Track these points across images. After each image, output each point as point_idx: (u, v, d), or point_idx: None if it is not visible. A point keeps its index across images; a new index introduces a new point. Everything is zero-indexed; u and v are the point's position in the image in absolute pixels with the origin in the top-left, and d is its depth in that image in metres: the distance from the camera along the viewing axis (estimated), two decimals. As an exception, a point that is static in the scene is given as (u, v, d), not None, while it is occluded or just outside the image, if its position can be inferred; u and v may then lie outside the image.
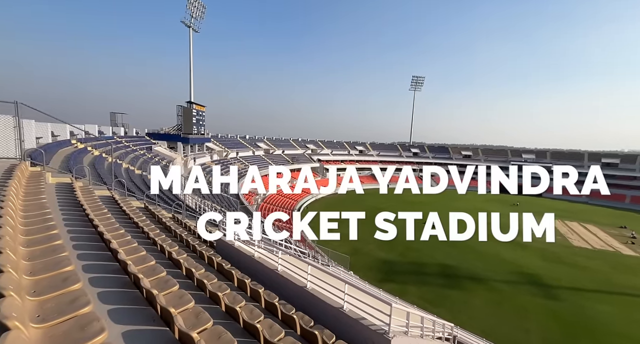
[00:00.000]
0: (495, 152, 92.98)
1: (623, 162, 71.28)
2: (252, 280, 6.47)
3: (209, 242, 9.36)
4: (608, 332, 17.44)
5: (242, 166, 55.02)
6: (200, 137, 49.73)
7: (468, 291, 22.01)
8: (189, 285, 5.34)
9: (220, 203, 29.03)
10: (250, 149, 67.24)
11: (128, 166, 24.23)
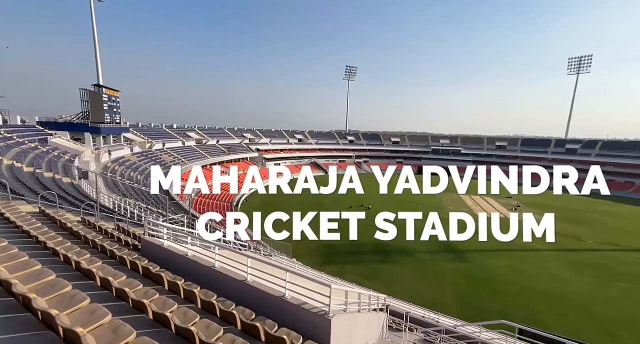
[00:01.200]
0: (419, 138, 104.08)
1: (510, 144, 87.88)
2: (187, 280, 5.99)
3: (132, 245, 8.26)
4: (501, 281, 21.80)
5: (170, 158, 49.70)
6: (114, 127, 42.84)
7: (398, 263, 24.68)
8: (106, 297, 4.64)
9: (147, 200, 25.90)
10: (179, 140, 61.02)
11: (12, 162, 19.47)
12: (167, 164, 45.74)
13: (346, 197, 49.08)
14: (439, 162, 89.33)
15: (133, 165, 38.15)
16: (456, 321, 9.98)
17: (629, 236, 32.82)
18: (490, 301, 19.13)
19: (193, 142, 64.20)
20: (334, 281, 12.94)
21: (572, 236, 32.36)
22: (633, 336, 15.89)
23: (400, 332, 8.55)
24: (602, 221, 39.10)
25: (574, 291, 20.74)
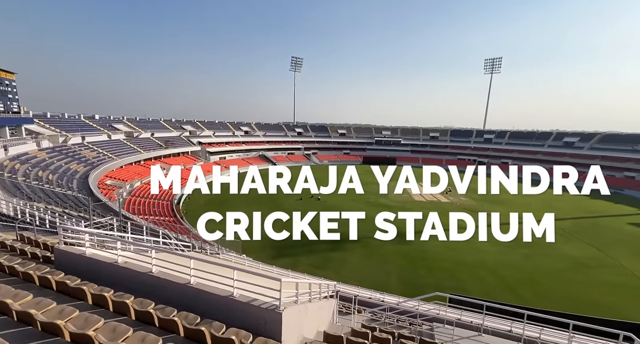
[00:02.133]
0: (364, 130, 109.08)
1: (441, 135, 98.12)
2: (117, 291, 5.31)
3: (41, 257, 6.97)
4: (435, 259, 24.53)
5: (93, 154, 43.13)
6: (11, 117, 35.28)
7: (347, 251, 25.86)
8: (4, 323, 3.83)
9: (63, 204, 22.15)
10: (103, 133, 53.21)
11: None
12: (89, 160, 39.64)
13: (297, 189, 49.20)
14: (382, 152, 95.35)
15: (42, 163, 32.12)
16: (399, 298, 10.96)
17: (522, 209, 39.71)
18: (427, 277, 21.43)
19: (122, 135, 56.72)
20: (285, 274, 12.96)
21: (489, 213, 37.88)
22: (531, 292, 19.55)
23: (349, 315, 9.03)
24: (510, 199, 46.51)
25: (490, 259, 24.47)
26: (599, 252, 26.25)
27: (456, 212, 20.98)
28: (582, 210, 40.94)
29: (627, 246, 28.00)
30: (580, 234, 30.77)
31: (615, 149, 65.06)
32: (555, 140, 77.47)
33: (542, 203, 44.31)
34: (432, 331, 8.03)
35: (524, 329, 8.05)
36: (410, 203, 42.83)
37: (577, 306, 17.64)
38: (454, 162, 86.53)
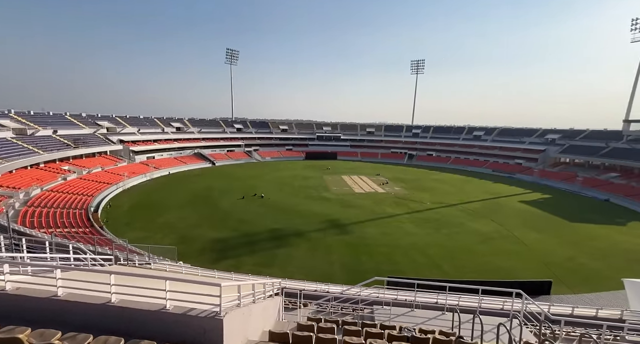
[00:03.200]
0: (305, 125, 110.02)
1: (376, 130, 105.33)
2: (5, 325, 4.32)
3: None
4: (374, 244, 26.43)
5: (-36, 156, 33.90)
6: None
7: (293, 246, 26.00)
8: None
9: None
10: (-21, 129, 42.16)
11: None
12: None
13: (237, 187, 47.24)
14: (323, 147, 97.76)
15: None
16: (342, 287, 11.52)
17: (450, 196, 45.84)
18: (368, 263, 22.98)
19: (9, 133, 45.88)
20: (228, 277, 12.38)
21: (418, 200, 42.44)
22: (452, 265, 22.63)
23: (296, 310, 9.13)
24: (435, 187, 52.89)
25: (419, 241, 27.47)
26: (500, 226, 31.82)
27: (391, 201, 22.76)
28: (486, 193, 48.86)
29: (518, 219, 34.56)
30: (486, 213, 36.78)
31: (508, 141, 79.22)
32: (467, 133, 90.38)
33: (456, 189, 51.46)
34: (372, 314, 8.68)
35: (447, 299, 9.29)
36: (350, 196, 45.06)
37: (486, 272, 21.11)
38: (388, 155, 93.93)
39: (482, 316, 9.38)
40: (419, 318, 8.46)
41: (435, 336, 6.39)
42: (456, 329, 7.48)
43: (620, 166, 54.19)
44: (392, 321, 8.06)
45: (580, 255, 25.07)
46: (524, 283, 18.33)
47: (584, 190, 50.73)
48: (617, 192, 46.16)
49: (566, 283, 20.22)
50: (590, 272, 22.10)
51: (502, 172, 68.82)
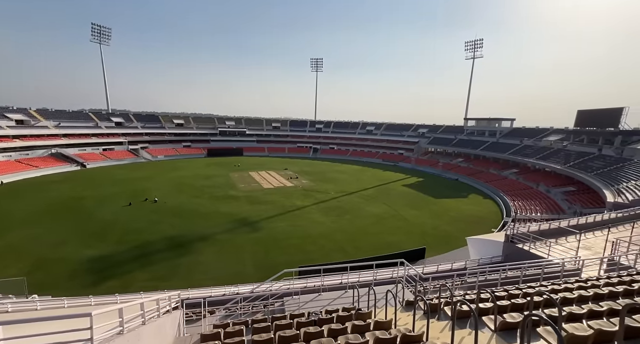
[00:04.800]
0: (205, 120, 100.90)
1: (282, 125, 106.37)
2: None
3: None
4: (285, 238, 26.92)
5: None
6: None
7: (197, 252, 23.76)
8: None
9: None
10: None
11: None
12: None
13: (121, 193, 39.51)
14: (228, 143, 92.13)
15: None
16: (253, 285, 11.31)
17: (350, 184, 50.97)
18: (280, 257, 23.25)
19: None
20: (109, 301, 10.27)
21: (323, 191, 45.48)
22: (353, 247, 25.38)
23: (200, 320, 8.42)
24: (337, 177, 57.73)
25: (326, 229, 29.62)
26: (389, 208, 37.56)
27: (300, 194, 23.45)
28: (378, 180, 56.70)
29: (402, 200, 41.60)
30: (379, 197, 42.72)
31: (393, 135, 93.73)
32: (362, 129, 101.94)
33: (355, 178, 57.77)
34: (283, 306, 8.87)
35: (348, 278, 10.37)
36: (259, 192, 44.30)
37: (380, 248, 24.60)
38: (294, 149, 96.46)
39: (376, 287, 10.89)
40: (325, 301, 9.17)
41: (339, 314, 7.06)
42: (356, 304, 8.48)
43: (463, 153, 72.00)
44: (301, 309, 8.46)
45: (442, 223, 32.27)
46: (407, 252, 22.30)
47: (443, 173, 65.12)
48: (462, 173, 61.26)
49: (434, 247, 25.69)
50: (449, 235, 28.74)
51: (390, 161, 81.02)
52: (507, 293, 7.98)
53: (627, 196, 27.90)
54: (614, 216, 18.49)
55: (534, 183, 46.43)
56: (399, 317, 7.15)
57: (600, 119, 48.42)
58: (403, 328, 5.70)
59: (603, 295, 6.55)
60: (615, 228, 16.62)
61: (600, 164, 41.75)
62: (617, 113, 45.61)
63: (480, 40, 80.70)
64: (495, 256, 15.46)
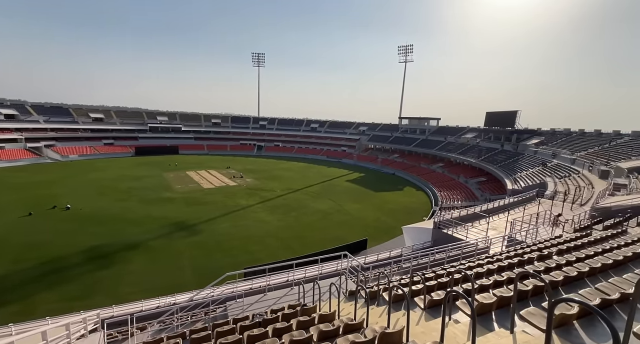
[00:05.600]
0: (131, 114, 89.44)
1: (223, 121, 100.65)
2: None
3: None
4: (229, 239, 25.68)
5: None
6: None
7: (125, 262, 21.05)
8: None
9: None
10: None
11: None
12: None
13: (17, 201, 32.59)
14: (160, 140, 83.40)
15: None
16: (192, 293, 10.49)
17: (296, 182, 51.10)
18: (223, 259, 22.08)
19: None
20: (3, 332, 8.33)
21: (269, 189, 44.68)
22: (300, 244, 25.59)
23: (127, 340, 7.46)
24: (283, 175, 57.28)
25: (272, 227, 29.21)
26: (334, 203, 38.84)
27: (244, 193, 22.56)
28: (323, 176, 58.11)
29: (346, 195, 43.43)
30: (324, 193, 43.83)
31: (336, 132, 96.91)
32: (306, 126, 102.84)
33: (300, 175, 58.19)
34: (226, 312, 8.44)
35: (294, 275, 10.40)
36: (199, 192, 41.28)
37: (326, 243, 25.28)
38: (237, 147, 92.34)
39: (322, 280, 11.15)
40: (271, 300, 9.04)
41: (284, 312, 7.03)
42: (302, 299, 8.57)
43: (399, 149, 78.51)
44: (245, 312, 8.17)
45: (382, 215, 34.75)
46: (350, 245, 23.41)
47: (382, 168, 70.01)
48: (398, 168, 66.81)
49: (376, 237, 27.52)
50: (388, 226, 31.10)
51: (334, 158, 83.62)
52: (435, 273, 8.99)
53: (521, 183, 34.03)
54: (512, 201, 22.36)
55: (455, 175, 53.22)
56: (342, 307, 7.46)
57: (502, 119, 57.86)
58: (346, 318, 5.95)
59: (504, 267, 7.87)
60: (513, 210, 20.14)
61: (502, 157, 50.00)
62: (513, 115, 55.11)
63: (411, 45, 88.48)
64: (426, 241, 17.30)
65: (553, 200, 22.41)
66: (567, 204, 20.47)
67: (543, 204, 20.80)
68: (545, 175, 34.10)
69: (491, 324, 4.80)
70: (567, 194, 23.04)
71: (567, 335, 3.88)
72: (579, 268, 6.18)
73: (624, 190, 20.37)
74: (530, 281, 5.83)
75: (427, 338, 4.37)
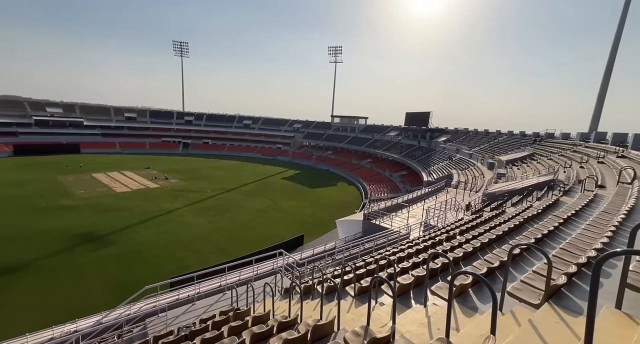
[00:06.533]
0: (6, 104, 70.91)
1: (139, 116, 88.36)
2: None
3: None
4: (149, 248, 22.81)
5: None
6: None
7: (3, 289, 16.71)
8: None
9: None
10: None
11: None
12: None
13: None
14: (52, 137, 68.52)
15: None
16: (101, 315, 8.90)
17: (229, 181, 48.41)
18: (143, 271, 19.51)
19: None
20: None
21: (198, 190, 41.28)
22: (235, 246, 24.42)
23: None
24: (214, 174, 53.63)
25: (202, 230, 27.12)
26: (270, 201, 38.23)
27: (168, 195, 20.31)
28: (258, 174, 56.60)
29: (281, 192, 43.19)
30: (259, 192, 42.73)
31: (271, 129, 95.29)
32: (239, 122, 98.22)
33: (233, 174, 55.52)
34: (145, 330, 7.45)
35: (227, 279, 9.85)
36: (111, 197, 35.48)
37: (262, 242, 24.70)
38: (159, 145, 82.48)
39: (257, 281, 10.85)
40: (201, 309, 8.37)
41: (215, 320, 6.60)
42: (235, 304, 8.18)
43: (332, 146, 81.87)
44: (169, 327, 7.38)
45: (317, 210, 35.76)
46: (287, 242, 23.44)
47: (317, 164, 71.93)
48: (332, 164, 69.66)
49: (312, 232, 28.16)
50: (323, 220, 32.17)
51: (269, 155, 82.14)
52: (364, 262, 9.68)
53: (434, 175, 39.35)
54: (427, 191, 25.66)
55: (382, 170, 58.28)
56: (277, 306, 7.40)
57: (418, 119, 65.74)
58: (280, 316, 5.92)
59: (421, 250, 8.97)
60: (428, 199, 23.15)
61: (419, 153, 56.90)
62: (427, 115, 63.21)
63: (340, 47, 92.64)
64: (357, 232, 18.50)
65: (457, 189, 26.57)
66: (467, 191, 24.55)
67: (450, 193, 24.48)
68: (451, 168, 40.14)
69: (409, 302, 5.41)
70: (466, 183, 27.61)
71: (465, 301, 4.64)
72: (474, 245, 7.46)
73: (503, 178, 25.47)
74: (440, 259, 6.77)
75: (356, 323, 4.66)
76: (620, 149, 22.40)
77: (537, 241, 6.41)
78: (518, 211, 11.28)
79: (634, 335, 2.21)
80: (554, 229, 7.18)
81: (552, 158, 27.56)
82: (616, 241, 5.48)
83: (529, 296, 3.66)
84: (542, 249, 3.50)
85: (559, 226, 7.49)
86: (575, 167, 20.04)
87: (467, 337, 3.30)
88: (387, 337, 3.44)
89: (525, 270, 5.31)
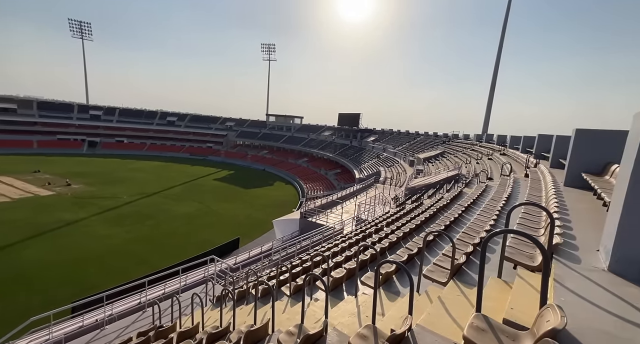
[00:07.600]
0: None
1: (21, 107, 70.98)
2: None
3: None
4: (41, 269, 18.62)
5: None
6: None
7: None
8: None
9: None
10: None
11: None
12: None
13: None
14: None
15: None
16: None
17: (151, 184, 42.94)
18: (34, 297, 15.82)
19: None
20: None
21: (110, 196, 35.52)
22: (161, 256, 21.83)
23: None
24: (131, 177, 46.88)
25: (117, 242, 23.46)
26: (201, 204, 35.38)
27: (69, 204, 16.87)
28: (187, 176, 51.81)
29: (214, 195, 40.43)
30: (189, 195, 39.15)
31: (200, 127, 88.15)
32: (161, 119, 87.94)
33: (156, 176, 49.62)
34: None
35: (146, 295, 8.70)
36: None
37: (192, 250, 22.65)
38: (52, 143, 68.00)
39: (185, 293, 9.90)
40: (113, 334, 7.20)
41: (132, 343, 5.76)
42: (158, 321, 7.28)
43: (268, 145, 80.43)
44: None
45: (254, 211, 34.65)
46: (220, 247, 22.05)
47: (252, 164, 69.65)
48: (268, 164, 68.41)
49: (249, 234, 27.11)
50: (260, 221, 31.32)
51: (198, 155, 75.91)
52: (301, 260, 9.76)
53: (365, 172, 42.30)
54: (359, 187, 27.42)
55: (317, 168, 59.86)
56: (209, 316, 6.89)
57: (350, 120, 69.72)
58: (211, 327, 5.51)
59: (353, 243, 9.51)
60: (359, 195, 24.75)
61: (352, 152, 60.39)
62: (357, 117, 67.57)
63: (273, 45, 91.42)
64: (295, 231, 18.58)
65: (384, 184, 29.09)
66: (393, 186, 27.10)
67: (379, 188, 26.64)
68: (379, 165, 43.77)
69: (342, 294, 5.66)
70: (392, 179, 30.48)
71: (389, 287, 5.08)
72: (397, 235, 8.26)
73: (422, 174, 29.01)
74: (369, 251, 7.27)
75: (291, 322, 4.65)
76: (502, 148, 27.82)
77: (446, 228, 7.45)
78: (432, 202, 12.95)
79: (508, 297, 2.75)
80: (458, 216, 8.47)
81: (457, 156, 32.58)
82: (499, 222, 6.77)
83: (439, 276, 4.22)
84: (448, 235, 4.07)
85: (462, 213, 8.87)
86: (473, 163, 24.08)
87: (390, 320, 3.62)
88: (320, 332, 3.51)
89: (437, 253, 6.12)
